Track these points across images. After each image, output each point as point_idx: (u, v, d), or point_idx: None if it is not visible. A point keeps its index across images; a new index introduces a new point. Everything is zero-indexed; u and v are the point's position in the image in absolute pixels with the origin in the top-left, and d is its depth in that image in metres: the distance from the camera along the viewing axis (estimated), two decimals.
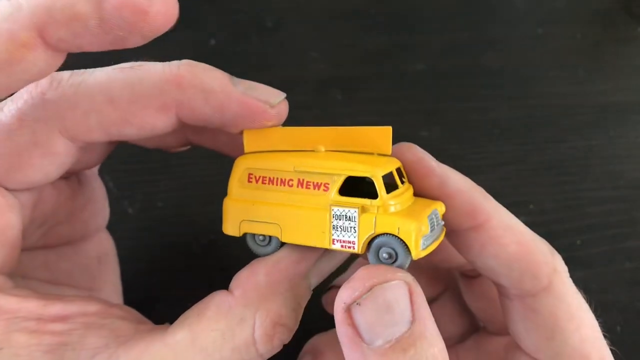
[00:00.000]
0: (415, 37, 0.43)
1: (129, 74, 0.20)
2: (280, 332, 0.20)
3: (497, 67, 0.42)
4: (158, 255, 0.32)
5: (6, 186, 0.21)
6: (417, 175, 0.21)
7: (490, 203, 0.22)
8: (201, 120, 0.21)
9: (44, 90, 0.20)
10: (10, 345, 0.18)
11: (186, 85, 0.20)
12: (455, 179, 0.21)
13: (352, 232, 0.20)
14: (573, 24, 0.44)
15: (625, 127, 0.40)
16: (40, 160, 0.20)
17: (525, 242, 0.22)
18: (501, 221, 0.21)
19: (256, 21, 0.43)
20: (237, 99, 0.20)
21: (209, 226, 0.35)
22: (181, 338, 0.19)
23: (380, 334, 0.18)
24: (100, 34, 0.17)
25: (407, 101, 0.40)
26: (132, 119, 0.20)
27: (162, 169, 0.29)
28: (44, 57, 0.17)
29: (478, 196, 0.21)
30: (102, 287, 0.27)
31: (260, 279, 0.20)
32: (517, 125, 0.39)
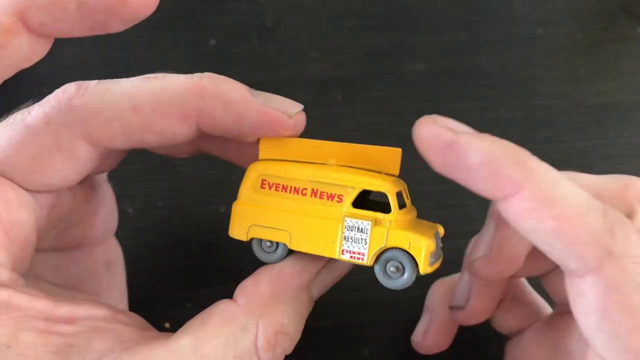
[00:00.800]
0: (415, 37, 0.43)
1: (153, 83, 0.21)
2: (282, 341, 0.20)
3: (497, 67, 0.42)
4: (158, 255, 0.32)
5: (25, 187, 0.21)
6: (434, 151, 0.20)
7: (524, 172, 0.19)
8: (221, 130, 0.21)
9: (71, 96, 0.20)
10: (18, 345, 0.18)
11: (207, 95, 0.20)
12: (477, 149, 0.19)
13: (362, 244, 0.20)
14: (573, 24, 0.44)
15: (625, 127, 0.40)
16: (62, 164, 0.21)
17: (568, 217, 0.18)
18: (537, 192, 0.19)
19: (256, 21, 0.43)
20: (256, 109, 0.21)
21: (209, 226, 0.35)
22: (184, 344, 0.19)
23: None
24: (80, 17, 0.17)
25: (407, 101, 0.40)
26: (154, 126, 0.21)
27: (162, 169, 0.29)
28: (28, 42, 0.17)
29: (506, 165, 0.19)
30: (109, 294, 0.27)
31: (264, 288, 0.21)
32: (517, 125, 0.39)
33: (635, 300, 0.18)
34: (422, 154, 0.20)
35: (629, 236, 0.19)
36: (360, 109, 0.39)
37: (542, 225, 0.19)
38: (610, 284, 0.19)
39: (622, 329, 0.19)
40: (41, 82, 0.20)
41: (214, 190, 0.32)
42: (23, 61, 0.18)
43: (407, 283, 0.20)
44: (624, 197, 0.22)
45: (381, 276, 0.21)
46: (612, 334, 0.19)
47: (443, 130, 0.19)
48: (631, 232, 0.19)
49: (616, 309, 0.19)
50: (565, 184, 0.19)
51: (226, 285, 0.22)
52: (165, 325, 0.30)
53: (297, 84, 0.40)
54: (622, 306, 0.18)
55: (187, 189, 0.34)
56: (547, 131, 0.39)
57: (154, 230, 0.34)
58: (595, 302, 0.19)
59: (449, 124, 0.20)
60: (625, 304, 0.18)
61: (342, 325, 0.32)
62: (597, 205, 0.19)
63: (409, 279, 0.20)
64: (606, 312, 0.19)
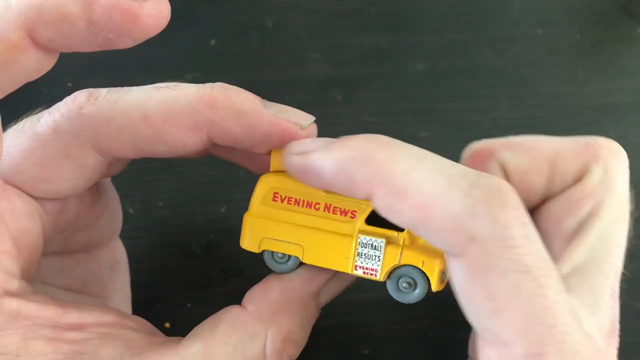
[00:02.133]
0: (415, 37, 0.43)
1: (165, 93, 0.20)
2: (289, 348, 0.21)
3: (497, 67, 0.42)
4: (158, 255, 0.32)
5: (32, 194, 0.21)
6: (300, 175, 0.21)
7: (373, 169, 0.19)
8: (232, 140, 0.21)
9: (81, 104, 0.20)
10: (28, 353, 0.18)
11: (219, 105, 0.20)
12: (328, 163, 0.19)
13: (376, 260, 0.21)
14: (573, 24, 0.44)
15: (625, 127, 0.40)
16: (69, 172, 0.21)
17: (424, 204, 0.18)
18: (390, 187, 0.18)
19: (256, 21, 0.43)
20: (268, 121, 0.21)
21: (209, 226, 0.35)
22: (195, 351, 0.19)
23: None
24: (89, 35, 0.17)
25: (407, 101, 0.40)
26: (164, 136, 0.20)
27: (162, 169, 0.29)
28: (36, 57, 0.17)
29: (354, 168, 0.19)
30: (113, 296, 0.27)
31: (273, 296, 0.21)
32: (517, 125, 0.39)
33: (497, 286, 0.17)
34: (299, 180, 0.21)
35: (498, 216, 0.17)
36: (360, 109, 0.39)
37: (403, 217, 0.19)
38: (472, 268, 0.18)
39: (483, 312, 0.18)
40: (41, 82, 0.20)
41: (214, 190, 0.32)
42: (30, 76, 0.18)
43: (418, 298, 0.21)
44: (581, 155, 0.23)
45: (393, 291, 0.21)
46: (475, 316, 0.19)
47: (295, 158, 0.20)
48: (506, 210, 0.17)
49: (477, 293, 0.18)
50: (420, 168, 0.18)
51: (226, 285, 0.22)
52: (165, 325, 0.30)
53: (297, 84, 0.40)
54: (483, 291, 0.18)
55: (187, 189, 0.34)
56: (547, 131, 0.39)
57: (154, 230, 0.34)
58: (458, 284, 0.19)
59: (302, 147, 0.20)
60: (486, 290, 0.18)
61: (342, 325, 0.32)
62: (460, 185, 0.18)
63: (420, 294, 0.21)
64: (468, 294, 0.18)
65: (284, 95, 0.41)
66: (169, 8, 0.17)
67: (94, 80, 0.23)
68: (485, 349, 0.19)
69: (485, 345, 0.19)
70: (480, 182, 0.18)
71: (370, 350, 0.31)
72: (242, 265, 0.22)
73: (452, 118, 0.39)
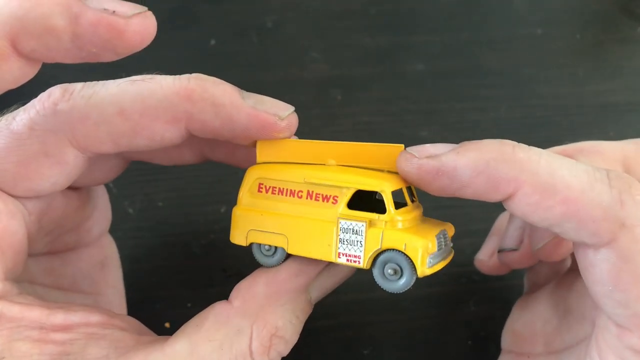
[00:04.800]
0: (415, 37, 0.43)
1: (140, 87, 0.20)
2: (276, 345, 0.20)
3: (497, 67, 0.42)
4: (158, 255, 0.32)
5: (13, 194, 0.21)
6: (425, 182, 0.20)
7: (517, 168, 0.19)
8: (211, 133, 0.21)
9: (56, 101, 0.20)
10: (12, 355, 0.18)
11: (196, 98, 0.20)
12: (464, 165, 0.19)
13: (358, 246, 0.20)
14: (573, 24, 0.44)
15: (625, 127, 0.40)
16: (49, 169, 0.21)
17: (573, 198, 0.18)
18: (536, 184, 0.19)
19: (256, 21, 0.43)
20: (246, 112, 0.20)
21: (209, 226, 0.35)
22: (180, 348, 0.19)
23: None
24: (73, 48, 0.17)
25: (407, 101, 0.40)
26: (142, 130, 0.20)
27: (162, 169, 0.29)
28: (18, 66, 0.17)
29: (497, 168, 0.19)
30: (105, 292, 0.27)
31: (259, 290, 0.21)
32: (517, 125, 0.39)
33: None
34: (416, 186, 0.20)
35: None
36: (360, 109, 0.39)
37: (550, 213, 0.19)
38: (622, 254, 0.19)
39: (632, 296, 0.19)
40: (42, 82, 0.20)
41: (214, 190, 0.32)
42: (12, 83, 0.18)
43: (406, 286, 0.20)
44: None
45: (380, 279, 0.20)
46: (623, 301, 0.19)
47: (425, 160, 0.19)
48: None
49: (628, 278, 0.19)
50: (561, 164, 0.19)
51: (226, 285, 0.22)
52: (165, 325, 0.30)
53: (297, 84, 0.40)
54: (634, 275, 0.19)
55: (187, 189, 0.34)
56: (547, 131, 0.39)
57: (154, 230, 0.34)
58: (607, 273, 0.19)
59: (428, 151, 0.20)
60: (637, 273, 0.19)
61: (342, 325, 0.32)
62: (600, 177, 0.19)
63: (408, 282, 0.20)
64: (618, 281, 0.19)
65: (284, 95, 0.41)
66: (155, 24, 0.17)
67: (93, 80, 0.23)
68: (626, 337, 0.19)
69: (625, 334, 0.19)
70: (612, 174, 0.19)
71: (370, 350, 0.31)
72: (242, 265, 0.22)
73: (452, 118, 0.39)
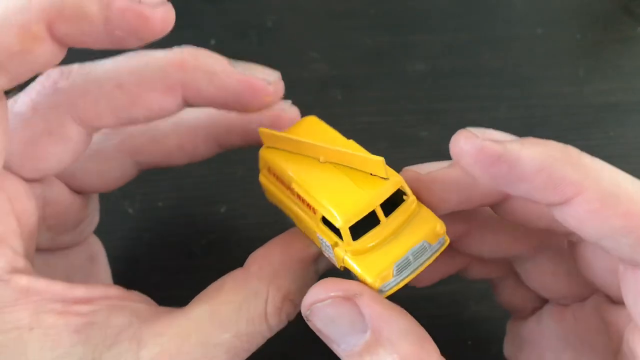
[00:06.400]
0: (415, 37, 0.43)
1: (135, 60, 0.21)
2: (287, 307, 0.21)
3: (497, 67, 0.42)
4: (158, 255, 0.32)
5: (22, 175, 0.22)
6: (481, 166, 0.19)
7: (582, 172, 0.18)
8: (206, 100, 0.22)
9: (56, 80, 0.21)
10: (40, 326, 0.19)
11: (189, 67, 0.21)
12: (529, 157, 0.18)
13: (331, 255, 0.21)
14: (573, 24, 0.44)
15: (625, 127, 0.40)
16: (53, 147, 0.22)
17: (636, 213, 0.18)
18: (599, 191, 0.18)
19: (256, 21, 0.43)
20: (236, 78, 0.22)
21: (209, 226, 0.35)
22: (201, 311, 0.20)
23: (340, 341, 0.19)
24: (103, 33, 0.18)
25: (407, 101, 0.40)
26: (139, 101, 0.21)
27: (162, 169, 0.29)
28: (50, 49, 0.18)
29: (562, 168, 0.18)
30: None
31: (275, 257, 0.22)
32: (517, 125, 0.39)
33: None
34: (467, 168, 0.19)
35: None
36: (360, 109, 0.39)
37: (609, 224, 0.18)
38: None
39: None
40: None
41: (214, 190, 0.32)
42: (42, 66, 0.19)
43: None
44: None
45: None
46: None
47: (488, 143, 0.18)
48: None
49: None
50: (625, 177, 0.18)
51: None
52: None
53: (297, 84, 0.40)
54: None
55: (187, 189, 0.34)
56: (546, 131, 0.39)
57: (154, 230, 0.34)
58: None
59: (490, 135, 0.19)
60: None
61: None
62: None
63: None
64: None
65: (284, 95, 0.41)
66: (174, 16, 0.19)
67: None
68: None
69: None
70: None
71: None
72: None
73: (452, 118, 0.39)
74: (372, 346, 0.19)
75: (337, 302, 0.19)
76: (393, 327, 0.19)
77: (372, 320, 0.19)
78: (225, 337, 0.20)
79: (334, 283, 0.19)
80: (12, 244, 0.20)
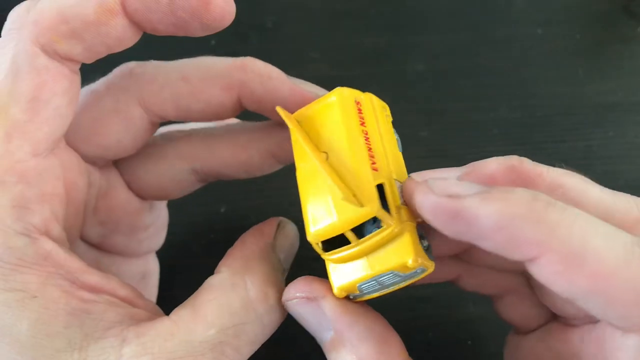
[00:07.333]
0: (415, 37, 0.43)
1: (202, 60, 0.24)
2: (273, 292, 0.22)
3: (497, 67, 0.42)
4: (158, 255, 0.32)
5: (84, 151, 0.23)
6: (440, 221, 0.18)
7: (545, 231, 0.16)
8: (256, 102, 0.24)
9: (132, 67, 0.24)
10: (44, 297, 0.19)
11: (249, 69, 0.23)
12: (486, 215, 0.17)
13: None
14: (573, 24, 0.44)
15: (624, 127, 0.40)
16: (117, 125, 0.23)
17: (604, 275, 0.16)
18: (563, 252, 0.16)
19: (256, 21, 0.43)
20: (289, 87, 0.23)
21: (209, 226, 0.35)
22: (183, 313, 0.21)
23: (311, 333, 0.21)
24: (168, 12, 0.19)
25: (407, 101, 0.40)
26: (199, 94, 0.23)
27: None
28: (122, 24, 0.20)
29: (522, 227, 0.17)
30: None
31: (237, 253, 0.23)
32: (517, 125, 0.39)
33: None
34: (430, 223, 0.18)
35: None
36: None
37: (575, 286, 0.17)
38: None
39: None
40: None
41: (214, 190, 0.32)
42: (115, 41, 0.20)
43: None
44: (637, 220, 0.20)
45: None
46: None
47: (444, 199, 0.17)
48: None
49: None
50: (596, 231, 0.17)
51: None
52: None
53: None
54: None
55: None
56: (547, 131, 0.39)
57: None
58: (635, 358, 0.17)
59: (449, 189, 0.18)
60: None
61: None
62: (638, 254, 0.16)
63: None
64: None
65: None
66: (234, 8, 0.20)
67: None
68: None
69: None
70: None
71: None
72: None
73: (452, 118, 0.39)
74: (336, 345, 0.20)
75: (302, 302, 0.21)
76: (353, 330, 0.20)
77: (333, 322, 0.20)
78: (210, 334, 0.20)
79: (304, 283, 0.21)
80: (54, 207, 0.21)
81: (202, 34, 0.20)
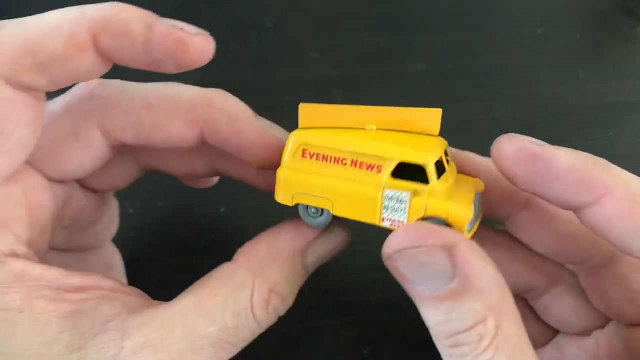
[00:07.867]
0: (415, 37, 0.43)
1: (169, 88, 0.23)
2: (274, 300, 0.21)
3: (497, 67, 0.42)
4: (158, 255, 0.32)
5: (45, 173, 0.23)
6: (520, 164, 0.20)
7: (611, 175, 0.19)
8: (220, 141, 0.23)
9: (94, 88, 0.22)
10: (31, 310, 0.19)
11: (216, 106, 0.22)
12: (563, 158, 0.20)
13: (402, 213, 0.21)
14: (573, 24, 0.44)
15: (624, 127, 0.40)
16: (77, 150, 0.23)
17: None
18: (628, 192, 0.19)
19: (256, 21, 0.43)
20: (256, 131, 0.22)
21: (209, 226, 0.35)
22: (187, 303, 0.20)
23: (419, 283, 0.19)
24: (143, 53, 0.19)
25: (407, 101, 0.40)
26: (162, 126, 0.22)
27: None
28: (92, 61, 0.19)
29: (593, 169, 0.20)
30: None
31: (261, 249, 0.22)
32: (517, 125, 0.39)
33: None
34: (505, 168, 0.21)
35: None
36: None
37: (638, 223, 0.19)
38: None
39: None
40: None
41: (214, 190, 0.32)
42: (83, 75, 0.20)
43: None
44: None
45: None
46: None
47: (527, 143, 0.20)
48: None
49: None
50: None
51: None
52: None
53: (297, 84, 0.40)
54: None
55: (187, 189, 0.34)
56: (547, 131, 0.39)
57: (155, 230, 0.34)
58: None
59: (530, 139, 0.21)
60: None
61: (342, 325, 0.32)
62: None
63: None
64: None
65: (284, 95, 0.41)
66: (213, 48, 0.19)
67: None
68: None
69: None
70: None
71: (370, 350, 0.31)
72: None
73: (452, 118, 0.39)
74: (458, 293, 0.19)
75: (433, 251, 0.19)
76: (483, 278, 0.19)
77: (464, 270, 0.19)
78: (211, 331, 0.20)
79: (431, 230, 0.19)
80: (16, 231, 0.21)
81: (175, 72, 0.20)
